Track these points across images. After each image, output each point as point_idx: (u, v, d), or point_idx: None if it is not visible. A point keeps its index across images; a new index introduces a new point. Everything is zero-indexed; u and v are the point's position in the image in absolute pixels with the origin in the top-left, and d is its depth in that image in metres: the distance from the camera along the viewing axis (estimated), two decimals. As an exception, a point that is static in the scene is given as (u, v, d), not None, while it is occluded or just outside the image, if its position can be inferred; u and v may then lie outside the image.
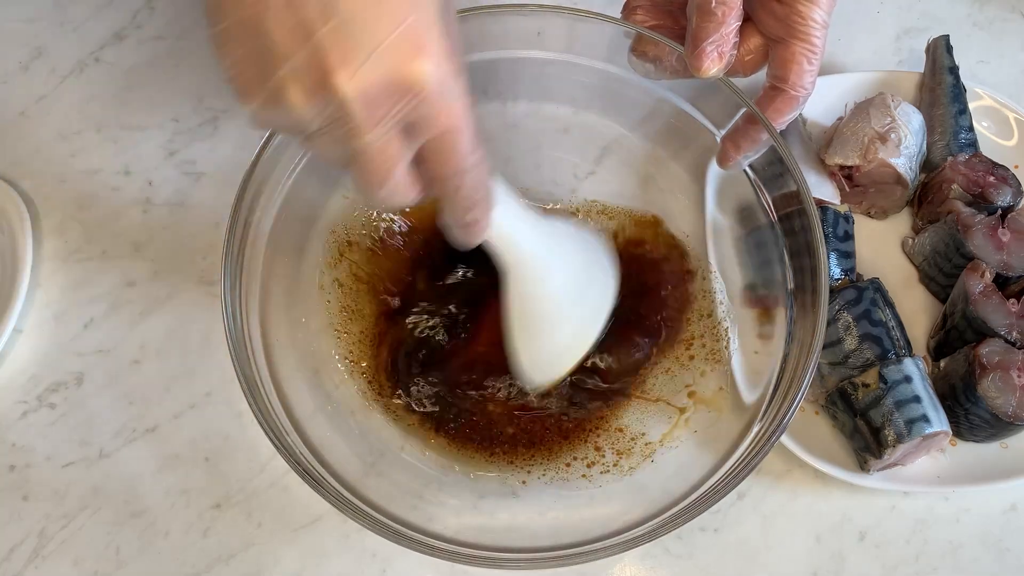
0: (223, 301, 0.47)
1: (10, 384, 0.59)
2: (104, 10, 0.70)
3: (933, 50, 0.65)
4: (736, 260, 0.56)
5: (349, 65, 0.31)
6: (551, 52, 0.55)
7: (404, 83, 0.32)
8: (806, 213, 0.48)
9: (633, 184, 0.60)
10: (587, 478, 0.53)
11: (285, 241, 0.53)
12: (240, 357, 0.46)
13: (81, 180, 0.64)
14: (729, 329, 0.55)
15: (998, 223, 0.57)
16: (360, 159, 0.34)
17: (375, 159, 0.34)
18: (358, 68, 0.31)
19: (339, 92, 0.32)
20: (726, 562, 0.55)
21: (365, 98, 0.32)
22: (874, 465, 0.53)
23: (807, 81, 0.47)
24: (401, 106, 0.33)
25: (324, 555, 0.55)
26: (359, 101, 0.32)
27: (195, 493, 0.56)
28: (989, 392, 0.53)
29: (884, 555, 0.55)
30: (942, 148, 0.62)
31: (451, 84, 0.34)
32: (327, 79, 0.32)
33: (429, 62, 0.32)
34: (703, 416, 0.54)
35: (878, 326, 0.55)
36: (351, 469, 0.48)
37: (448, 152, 0.35)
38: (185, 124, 0.66)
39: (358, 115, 0.32)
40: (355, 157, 0.34)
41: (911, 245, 0.62)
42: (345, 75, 0.31)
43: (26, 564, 0.55)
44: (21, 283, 0.59)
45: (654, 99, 0.55)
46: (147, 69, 0.68)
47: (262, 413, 0.45)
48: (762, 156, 0.51)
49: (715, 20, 0.46)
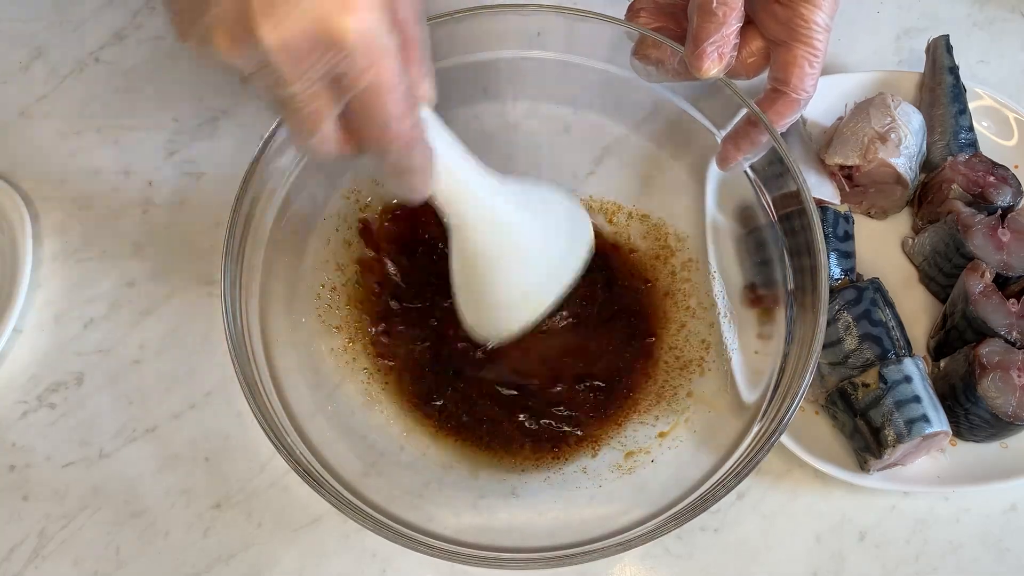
0: (223, 301, 0.47)
1: (10, 384, 0.59)
2: (104, 10, 0.70)
3: (933, 50, 0.65)
4: (736, 260, 0.56)
5: (272, 16, 0.31)
6: (551, 52, 0.55)
7: (328, 37, 0.32)
8: (806, 213, 0.48)
9: (633, 184, 0.60)
10: (587, 477, 0.53)
11: (285, 241, 0.53)
12: (240, 357, 0.46)
13: (81, 180, 0.64)
14: (729, 329, 0.55)
15: (998, 223, 0.57)
16: (288, 108, 0.34)
17: (302, 110, 0.34)
18: (282, 20, 0.31)
19: (262, 42, 0.32)
20: (726, 562, 0.55)
21: (288, 50, 0.32)
22: (874, 465, 0.53)
23: (808, 84, 0.47)
24: (325, 60, 0.33)
25: (324, 555, 0.55)
26: (282, 52, 0.32)
27: (195, 493, 0.56)
28: (989, 392, 0.53)
29: (884, 555, 0.55)
30: (942, 148, 0.62)
31: (380, 40, 0.33)
32: (250, 28, 0.31)
33: (355, 17, 0.32)
34: (703, 416, 0.54)
35: (878, 326, 0.55)
36: (351, 469, 0.48)
37: (373, 110, 0.35)
38: (185, 124, 0.66)
39: (282, 66, 0.32)
40: (283, 105, 0.34)
41: (911, 245, 0.62)
42: (268, 26, 0.31)
43: (26, 564, 0.55)
44: (21, 283, 0.59)
45: (654, 99, 0.55)
46: (147, 69, 0.68)
47: (262, 413, 0.45)
48: (762, 156, 0.51)
49: (716, 21, 0.45)
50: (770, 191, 0.52)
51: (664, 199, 0.60)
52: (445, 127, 0.41)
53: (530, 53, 0.55)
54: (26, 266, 0.60)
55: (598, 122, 0.59)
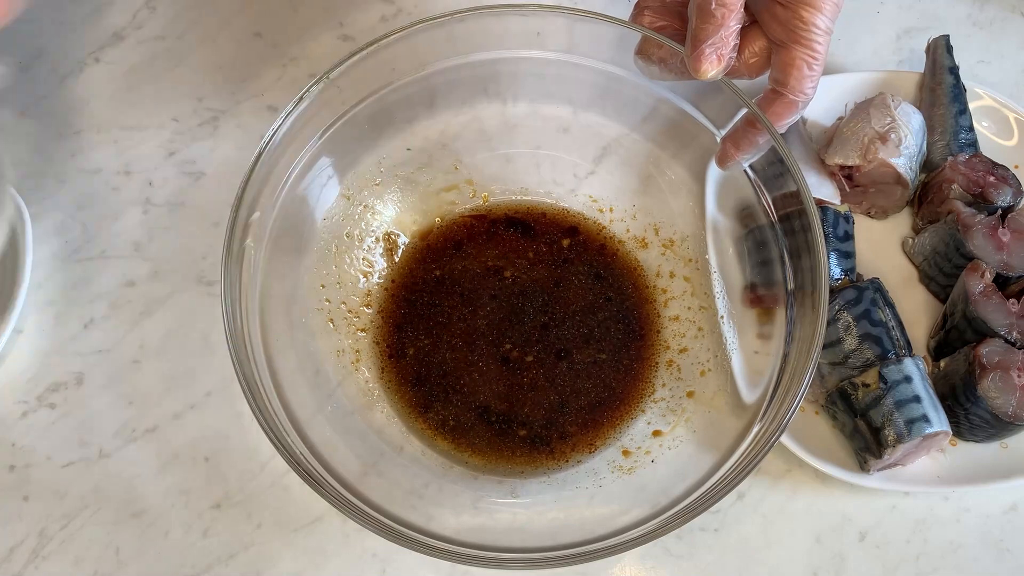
0: (223, 301, 0.47)
1: (10, 384, 0.59)
2: (104, 10, 0.70)
3: (933, 50, 0.65)
4: (736, 260, 0.56)
5: None
6: (551, 52, 0.55)
7: None
8: (806, 213, 0.48)
9: (633, 184, 0.60)
10: (587, 477, 0.53)
11: (285, 241, 0.53)
12: (240, 357, 0.46)
13: (81, 180, 0.64)
14: (729, 329, 0.55)
15: (998, 223, 0.57)
16: None
17: None
18: None
19: None
20: (726, 562, 0.55)
21: None
22: (874, 465, 0.53)
23: (807, 87, 0.47)
24: None
25: (324, 555, 0.55)
26: None
27: (195, 493, 0.56)
28: (989, 392, 0.53)
29: (884, 555, 0.55)
30: (942, 148, 0.62)
31: None
32: None
33: None
34: (703, 416, 0.54)
35: (878, 326, 0.55)
36: (351, 469, 0.48)
37: None
38: (185, 124, 0.66)
39: None
40: None
41: (911, 245, 0.62)
42: None
43: (26, 564, 0.55)
44: (21, 283, 0.59)
45: (654, 99, 0.55)
46: (147, 69, 0.68)
47: (262, 413, 0.45)
48: (762, 156, 0.51)
49: (714, 22, 0.45)
50: (770, 191, 0.52)
51: (664, 199, 0.60)
52: None
53: (530, 53, 0.55)
54: (26, 267, 0.60)
55: (598, 122, 0.59)
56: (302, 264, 0.56)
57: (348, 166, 0.57)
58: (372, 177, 0.59)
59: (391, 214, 0.60)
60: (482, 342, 0.56)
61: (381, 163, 0.59)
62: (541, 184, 0.61)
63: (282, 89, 0.66)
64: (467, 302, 0.58)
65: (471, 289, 0.58)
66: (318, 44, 0.68)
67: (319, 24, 0.69)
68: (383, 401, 0.56)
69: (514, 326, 0.57)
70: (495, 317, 0.57)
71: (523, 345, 0.57)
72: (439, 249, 0.60)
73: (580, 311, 0.58)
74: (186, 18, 0.69)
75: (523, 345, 0.57)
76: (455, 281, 0.59)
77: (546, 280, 0.59)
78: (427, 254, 0.59)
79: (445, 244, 0.60)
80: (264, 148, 0.49)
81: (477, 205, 0.61)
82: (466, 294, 0.58)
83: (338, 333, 0.56)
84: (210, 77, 0.67)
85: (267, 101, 0.66)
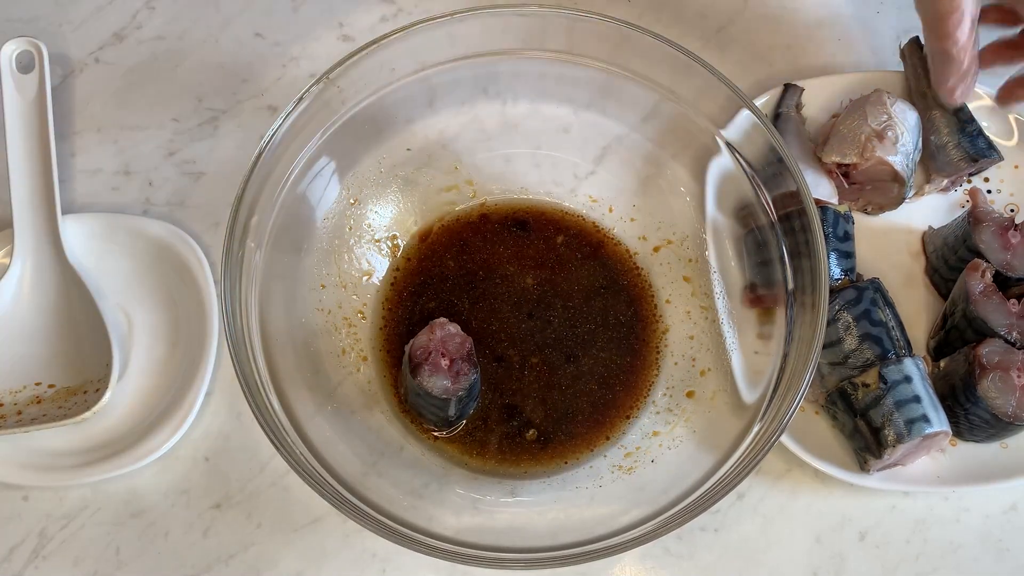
0: (223, 301, 0.47)
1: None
2: (104, 10, 0.70)
3: (909, 56, 0.64)
4: (736, 260, 0.56)
5: None
6: (551, 52, 0.55)
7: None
8: (806, 213, 0.48)
9: (633, 184, 0.60)
10: (587, 477, 0.53)
11: (285, 241, 0.53)
12: (240, 357, 0.46)
13: (81, 180, 0.64)
14: (729, 329, 0.55)
15: (1011, 224, 0.57)
16: None
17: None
18: None
19: None
20: (726, 562, 0.55)
21: None
22: (874, 465, 0.53)
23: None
24: None
25: (324, 555, 0.55)
26: None
27: (195, 493, 0.56)
28: (989, 392, 0.53)
29: (884, 555, 0.55)
30: (953, 147, 0.62)
31: None
32: None
33: None
34: (703, 416, 0.54)
35: (878, 326, 0.55)
36: (351, 469, 0.48)
37: None
38: (185, 124, 0.66)
39: None
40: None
41: (931, 232, 0.61)
42: None
43: (26, 564, 0.55)
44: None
45: (654, 99, 0.55)
46: (147, 69, 0.68)
47: (262, 413, 0.45)
48: (762, 156, 0.51)
49: (956, 64, 0.57)
50: (770, 191, 0.52)
51: (664, 199, 0.60)
52: None
53: (530, 53, 0.55)
54: (26, 266, 0.60)
55: (598, 122, 0.59)
56: (302, 264, 0.56)
57: (348, 166, 0.57)
58: (372, 177, 0.59)
59: (391, 214, 0.60)
60: (481, 342, 0.56)
61: (381, 163, 0.59)
62: (541, 184, 0.61)
63: (282, 89, 0.66)
64: (466, 302, 0.58)
65: (470, 289, 0.58)
66: (318, 44, 0.68)
67: (319, 24, 0.69)
68: (383, 401, 0.56)
69: (513, 326, 0.57)
70: (494, 317, 0.57)
71: (522, 345, 0.57)
72: (439, 249, 0.60)
73: (579, 311, 0.58)
74: (186, 18, 0.69)
75: (522, 345, 0.57)
76: (455, 281, 0.59)
77: (545, 280, 0.59)
78: (427, 254, 0.59)
79: (445, 244, 0.60)
80: (264, 148, 0.49)
81: (477, 205, 0.61)
82: (465, 294, 0.58)
83: (338, 333, 0.56)
84: (210, 77, 0.67)
85: (267, 101, 0.66)
